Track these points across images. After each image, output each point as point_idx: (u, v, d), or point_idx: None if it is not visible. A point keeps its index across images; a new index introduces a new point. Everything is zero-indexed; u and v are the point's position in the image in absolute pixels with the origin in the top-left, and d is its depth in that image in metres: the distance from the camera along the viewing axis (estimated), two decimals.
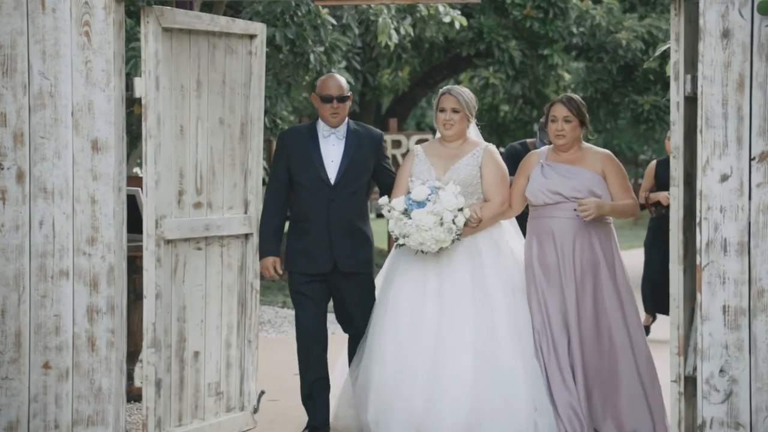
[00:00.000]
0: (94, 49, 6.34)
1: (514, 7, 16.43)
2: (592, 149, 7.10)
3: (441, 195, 6.82)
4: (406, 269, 7.06)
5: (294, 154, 7.20)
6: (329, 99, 7.15)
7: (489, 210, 7.00)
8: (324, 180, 7.13)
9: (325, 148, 7.19)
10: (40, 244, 6.38)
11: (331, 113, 7.16)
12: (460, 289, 6.91)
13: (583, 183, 6.94)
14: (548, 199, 6.96)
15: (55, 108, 6.37)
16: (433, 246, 6.81)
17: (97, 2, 6.34)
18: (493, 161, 7.05)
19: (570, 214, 6.92)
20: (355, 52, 15.29)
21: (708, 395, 6.07)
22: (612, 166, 7.02)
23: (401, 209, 6.88)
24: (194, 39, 6.89)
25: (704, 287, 6.07)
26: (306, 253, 7.17)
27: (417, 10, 13.66)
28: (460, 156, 7.04)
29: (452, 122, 7.03)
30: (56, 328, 6.37)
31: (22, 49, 6.35)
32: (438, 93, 7.15)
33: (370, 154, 7.23)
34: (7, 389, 6.39)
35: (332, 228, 7.13)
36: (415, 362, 6.85)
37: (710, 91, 6.05)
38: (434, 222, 6.76)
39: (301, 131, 7.30)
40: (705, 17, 6.04)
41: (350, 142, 7.20)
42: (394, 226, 6.90)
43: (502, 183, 7.05)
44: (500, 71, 16.80)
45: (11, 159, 6.37)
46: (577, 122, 7.01)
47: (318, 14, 12.23)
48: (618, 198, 6.98)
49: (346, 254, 7.16)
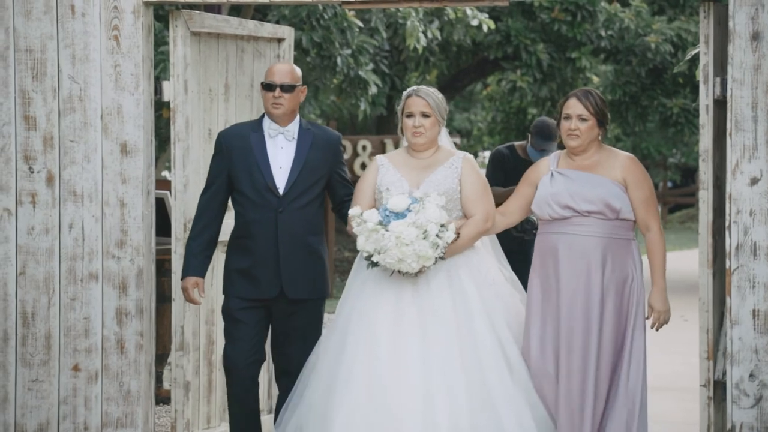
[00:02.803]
0: (123, 53, 6.37)
1: (542, 10, 16.39)
2: (613, 153, 6.09)
3: (426, 205, 5.82)
4: (374, 295, 5.93)
5: (235, 157, 6.16)
6: (271, 87, 6.14)
7: (472, 227, 5.99)
8: (271, 189, 6.10)
9: (272, 151, 6.17)
10: (69, 247, 6.42)
11: (273, 103, 6.13)
12: (441, 320, 5.86)
13: (597, 194, 5.93)
14: (554, 213, 5.98)
15: (85, 112, 6.40)
16: (413, 264, 5.76)
17: (126, 6, 6.36)
18: (475, 172, 6.09)
19: (581, 231, 5.94)
20: (383, 55, 15.30)
21: (737, 400, 6.04)
22: (635, 173, 5.99)
23: (376, 221, 5.83)
24: (222, 43, 6.91)
25: (734, 291, 6.03)
26: (247, 275, 6.11)
27: (445, 14, 13.65)
28: (434, 166, 6.05)
29: (422, 129, 6.02)
30: (85, 330, 6.40)
31: (51, 54, 6.38)
32: (403, 95, 6.14)
33: (325, 159, 6.20)
34: (37, 391, 6.42)
35: (280, 246, 6.08)
36: (399, 414, 5.70)
37: (740, 94, 6.01)
38: (417, 235, 5.75)
39: (244, 130, 6.24)
40: (734, 19, 6.01)
41: (302, 144, 6.18)
42: (365, 242, 5.81)
43: (485, 196, 6.07)
44: (528, 74, 16.77)
45: (41, 162, 6.41)
46: (594, 121, 5.98)
47: (344, 17, 12.25)
48: (638, 214, 5.96)
49: (295, 278, 6.10)
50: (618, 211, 5.93)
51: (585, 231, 5.95)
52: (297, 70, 6.22)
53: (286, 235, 6.09)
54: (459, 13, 13.70)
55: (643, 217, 5.97)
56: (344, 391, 5.76)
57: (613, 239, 5.95)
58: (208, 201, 6.19)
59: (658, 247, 5.97)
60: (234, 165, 6.15)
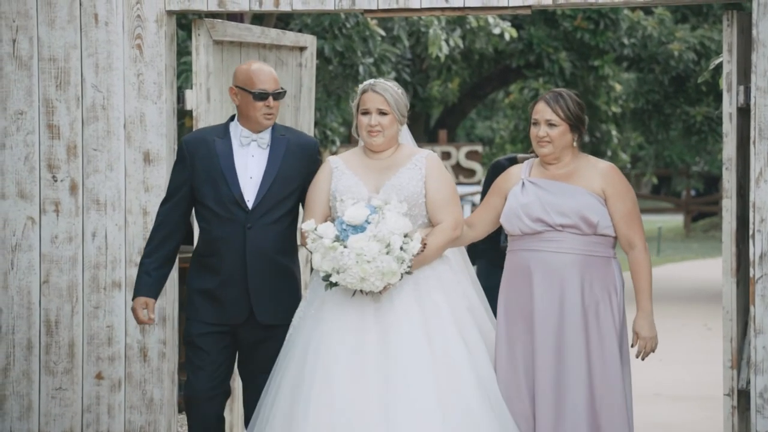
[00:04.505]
0: (146, 62, 6.39)
1: (565, 18, 16.39)
2: (591, 161, 5.43)
3: (386, 214, 5.17)
4: (334, 320, 5.28)
5: (198, 166, 5.56)
6: (263, 96, 5.53)
7: (440, 236, 5.33)
8: (238, 202, 5.49)
9: (241, 160, 5.53)
10: (92, 255, 6.44)
11: (266, 114, 5.53)
12: (410, 342, 5.19)
13: (572, 205, 5.28)
14: (525, 227, 5.32)
15: (108, 120, 6.42)
16: (377, 282, 5.13)
17: (149, 15, 6.39)
18: (440, 172, 5.43)
19: (555, 247, 5.29)
20: (405, 63, 15.32)
21: (762, 409, 6.01)
22: (616, 184, 5.33)
23: (332, 236, 5.18)
24: (245, 51, 6.93)
25: (758, 300, 6.00)
26: (212, 297, 5.51)
27: (467, 22, 13.67)
28: (395, 168, 5.40)
29: (379, 128, 5.37)
30: (109, 338, 6.42)
31: (75, 63, 6.41)
32: (358, 90, 5.50)
33: (300, 169, 5.56)
34: (61, 399, 6.45)
35: (249, 265, 5.47)
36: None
37: (764, 102, 5.99)
38: (379, 250, 5.11)
39: (210, 136, 5.61)
40: (758, 27, 5.98)
41: (276, 152, 5.54)
42: (322, 261, 5.18)
43: (453, 200, 5.42)
44: (550, 82, 16.76)
45: (64, 171, 6.44)
46: (566, 127, 5.34)
47: (367, 26, 12.27)
48: (619, 230, 5.30)
49: (266, 300, 5.50)
50: (595, 226, 5.28)
51: (559, 247, 5.29)
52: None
53: (255, 254, 5.47)
54: (481, 22, 13.71)
55: (624, 233, 5.32)
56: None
57: (590, 257, 5.30)
58: (168, 213, 5.61)
59: (643, 267, 5.32)
60: (197, 175, 5.54)
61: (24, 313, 6.44)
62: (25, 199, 6.44)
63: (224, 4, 6.33)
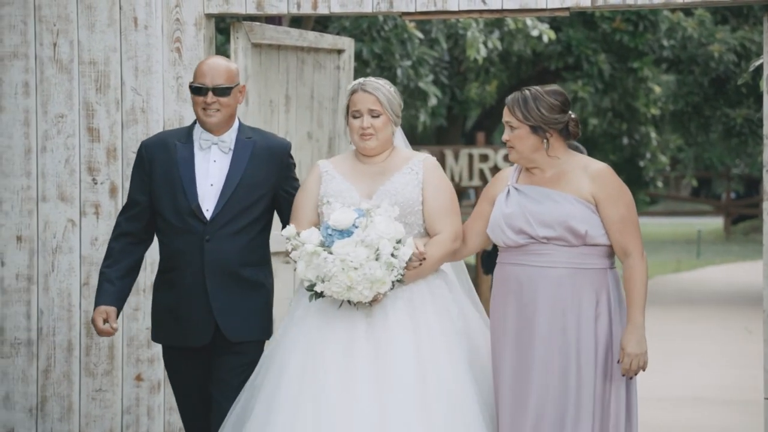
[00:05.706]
0: (185, 65, 6.42)
1: (603, 20, 16.31)
2: (582, 163, 4.89)
3: (375, 218, 4.77)
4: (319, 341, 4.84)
5: (156, 172, 5.14)
6: (199, 90, 5.13)
7: (439, 248, 4.94)
8: (195, 213, 5.08)
9: (201, 166, 5.13)
10: None
11: (203, 109, 5.12)
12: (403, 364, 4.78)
13: (556, 215, 4.79)
14: (508, 239, 4.85)
15: (147, 123, 6.45)
16: (366, 291, 4.71)
17: (188, 18, 6.42)
18: (440, 179, 5.02)
19: (542, 262, 4.81)
20: (443, 66, 15.30)
21: None
22: (608, 187, 4.82)
23: (316, 242, 4.78)
24: (283, 54, 6.94)
25: None
26: (174, 315, 5.14)
27: (505, 24, 13.64)
28: (390, 173, 5.01)
29: (372, 130, 4.98)
30: (148, 341, 6.44)
31: (115, 66, 6.45)
32: (348, 90, 5.13)
33: (268, 173, 5.15)
34: (101, 401, 6.48)
35: (209, 281, 5.06)
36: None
37: None
38: (367, 256, 4.69)
39: (171, 140, 5.20)
40: None
41: (239, 157, 5.12)
42: (306, 269, 4.77)
43: (453, 209, 5.00)
44: (589, 84, 16.69)
45: (104, 174, 6.47)
46: (526, 129, 4.85)
47: (405, 28, 12.27)
48: (612, 237, 4.80)
49: (233, 317, 5.09)
50: (583, 236, 4.78)
51: (546, 262, 4.81)
52: (233, 66, 5.20)
53: (215, 268, 5.06)
54: (519, 24, 13.67)
55: (619, 240, 4.81)
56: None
57: (581, 270, 4.82)
58: (128, 222, 5.24)
59: (637, 277, 4.79)
60: (154, 183, 5.15)
61: (64, 315, 6.48)
62: (66, 202, 6.48)
63: (262, 7, 6.35)
